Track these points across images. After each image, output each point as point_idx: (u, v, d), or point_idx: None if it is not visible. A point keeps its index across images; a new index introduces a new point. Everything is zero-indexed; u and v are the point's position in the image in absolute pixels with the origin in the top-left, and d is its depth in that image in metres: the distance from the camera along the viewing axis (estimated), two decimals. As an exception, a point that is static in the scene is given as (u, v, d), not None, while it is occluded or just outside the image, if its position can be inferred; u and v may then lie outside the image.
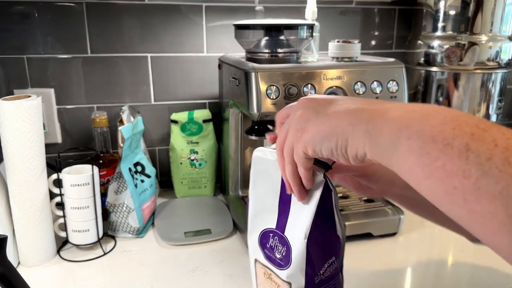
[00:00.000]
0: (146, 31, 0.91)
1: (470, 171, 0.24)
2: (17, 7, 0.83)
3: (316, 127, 0.35)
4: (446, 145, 0.26)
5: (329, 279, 0.43)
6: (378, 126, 0.31)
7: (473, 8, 0.88)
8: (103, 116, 0.84)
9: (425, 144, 0.27)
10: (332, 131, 0.34)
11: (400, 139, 0.29)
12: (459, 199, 0.25)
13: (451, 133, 0.26)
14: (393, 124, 0.30)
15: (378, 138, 0.31)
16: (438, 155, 0.26)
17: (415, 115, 0.29)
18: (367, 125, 0.32)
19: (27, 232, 0.67)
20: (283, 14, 0.97)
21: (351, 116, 0.33)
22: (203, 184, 0.96)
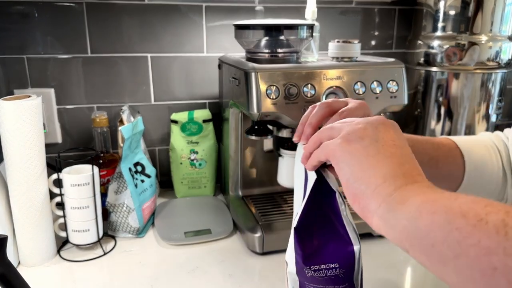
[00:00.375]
0: (146, 31, 0.91)
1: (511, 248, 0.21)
2: (17, 7, 0.83)
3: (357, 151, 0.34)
4: (480, 221, 0.23)
5: (325, 282, 0.43)
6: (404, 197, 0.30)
7: (473, 8, 0.88)
8: (103, 116, 0.84)
9: (454, 219, 0.24)
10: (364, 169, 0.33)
11: (422, 213, 0.26)
12: (502, 281, 0.21)
13: (483, 210, 0.23)
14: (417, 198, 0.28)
15: (398, 207, 0.29)
16: (471, 231, 0.23)
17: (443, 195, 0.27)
18: (395, 191, 0.31)
19: (27, 232, 0.67)
20: (283, 14, 0.97)
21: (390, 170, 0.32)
22: (203, 184, 0.96)
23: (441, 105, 0.95)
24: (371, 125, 0.35)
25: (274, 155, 0.82)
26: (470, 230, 0.23)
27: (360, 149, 0.33)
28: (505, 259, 0.21)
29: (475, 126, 0.94)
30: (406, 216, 0.28)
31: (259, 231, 0.72)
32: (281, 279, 0.66)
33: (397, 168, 0.32)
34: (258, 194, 0.88)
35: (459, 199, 0.25)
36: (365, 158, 0.33)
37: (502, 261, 0.21)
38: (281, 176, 0.80)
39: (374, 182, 0.31)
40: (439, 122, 0.96)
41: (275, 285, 0.65)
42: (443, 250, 0.24)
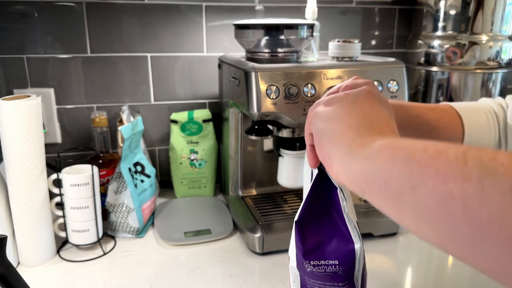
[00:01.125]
0: (146, 31, 0.91)
1: (470, 173, 0.21)
2: (16, 7, 0.83)
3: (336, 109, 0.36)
4: (439, 153, 0.23)
5: (324, 278, 0.43)
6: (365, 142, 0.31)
7: (474, 7, 0.88)
8: (103, 116, 0.83)
9: (414, 154, 0.24)
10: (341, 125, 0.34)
11: (383, 151, 0.27)
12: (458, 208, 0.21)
13: (444, 146, 0.23)
14: (380, 141, 0.29)
15: (358, 150, 0.30)
16: (430, 163, 0.23)
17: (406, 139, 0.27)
18: (358, 137, 0.32)
19: (27, 232, 0.67)
20: (283, 14, 0.97)
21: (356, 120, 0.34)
22: (203, 184, 0.96)
23: (441, 105, 0.95)
24: (353, 91, 0.37)
25: (274, 155, 0.82)
26: (430, 162, 0.23)
27: (335, 109, 0.36)
28: (462, 184, 0.21)
29: (475, 126, 0.94)
30: (365, 156, 0.28)
31: (259, 231, 0.72)
32: (281, 279, 0.66)
33: (366, 122, 0.33)
34: (258, 194, 0.88)
35: (422, 142, 0.25)
36: (338, 114, 0.35)
37: (459, 186, 0.21)
38: (281, 176, 0.80)
39: (339, 129, 0.33)
40: (439, 122, 0.96)
41: (275, 285, 0.65)
42: (401, 184, 0.24)
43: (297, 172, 0.76)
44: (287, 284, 0.64)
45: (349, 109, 0.35)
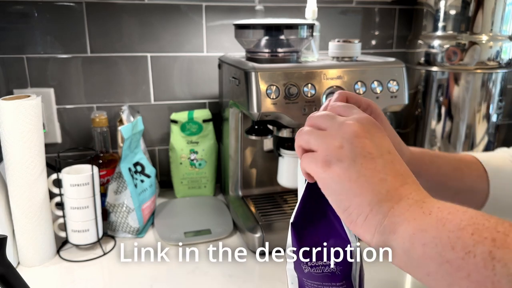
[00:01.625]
0: (145, 31, 0.91)
1: (500, 283, 0.23)
2: (16, 7, 0.83)
3: (339, 176, 0.33)
4: (468, 253, 0.24)
5: (322, 279, 0.43)
6: (393, 224, 0.30)
7: (474, 7, 0.88)
8: (103, 116, 0.83)
9: (444, 251, 0.25)
10: (350, 198, 0.32)
11: (415, 245, 0.28)
12: None
13: (470, 239, 0.25)
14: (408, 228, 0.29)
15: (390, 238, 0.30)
16: (461, 264, 0.24)
17: (431, 219, 0.28)
18: (383, 218, 0.31)
19: (27, 232, 0.67)
20: (283, 14, 0.97)
21: (374, 196, 0.31)
22: (203, 184, 0.96)
23: (441, 105, 0.95)
24: (346, 141, 0.34)
25: (274, 155, 0.82)
26: (460, 264, 0.24)
27: (341, 174, 0.33)
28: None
29: (475, 126, 0.94)
30: (400, 247, 0.29)
31: (259, 231, 0.72)
32: (281, 280, 0.66)
33: (380, 188, 0.32)
34: (258, 194, 0.88)
35: (446, 225, 0.26)
36: (348, 184, 0.33)
37: None
38: (281, 176, 0.80)
39: (362, 212, 0.32)
40: (439, 122, 0.96)
41: (275, 285, 0.65)
42: (438, 279, 0.26)
43: (297, 172, 0.76)
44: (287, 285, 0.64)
45: (356, 174, 0.33)
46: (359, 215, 0.32)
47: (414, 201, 0.31)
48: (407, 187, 0.32)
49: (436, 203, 0.30)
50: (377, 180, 0.32)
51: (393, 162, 0.34)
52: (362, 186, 0.32)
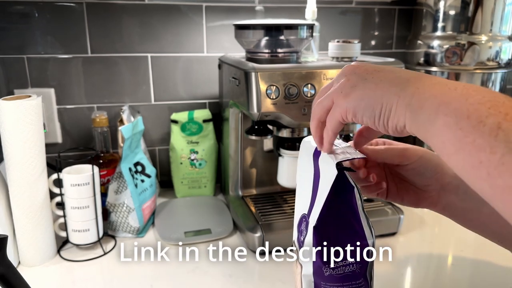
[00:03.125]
0: (146, 31, 0.91)
1: (497, 147, 0.25)
2: (17, 7, 0.83)
3: (362, 93, 0.36)
4: (479, 123, 0.27)
5: (343, 279, 0.44)
6: (420, 101, 0.32)
7: (473, 8, 0.88)
8: (103, 116, 0.84)
9: (460, 120, 0.28)
10: (378, 100, 0.35)
11: (438, 114, 0.30)
12: (484, 173, 0.26)
13: (486, 111, 0.27)
14: (434, 101, 0.31)
15: (419, 112, 0.32)
16: (470, 131, 0.27)
17: (456, 93, 0.30)
18: (411, 99, 0.33)
19: (28, 232, 0.67)
20: (283, 14, 0.97)
21: (398, 87, 0.34)
22: (203, 184, 0.96)
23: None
24: (350, 74, 0.38)
25: (274, 155, 0.82)
26: (470, 130, 0.27)
27: (361, 91, 0.36)
28: (489, 155, 0.26)
29: (475, 126, 0.94)
30: (426, 118, 0.31)
31: (259, 231, 0.72)
32: (281, 279, 0.66)
33: (400, 79, 0.35)
34: (258, 194, 0.88)
35: (468, 100, 0.29)
36: (372, 93, 0.36)
37: (487, 157, 0.26)
38: (281, 176, 0.80)
39: (393, 103, 0.34)
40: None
41: (275, 285, 0.65)
42: (449, 146, 0.29)
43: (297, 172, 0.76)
44: (287, 284, 0.65)
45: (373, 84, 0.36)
46: (391, 107, 0.34)
47: (438, 81, 0.33)
48: (423, 75, 0.35)
49: (461, 83, 0.32)
50: (394, 77, 0.35)
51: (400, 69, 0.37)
52: (383, 87, 0.35)
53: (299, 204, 0.47)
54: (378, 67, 0.37)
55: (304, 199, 0.46)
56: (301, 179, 0.48)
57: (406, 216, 0.78)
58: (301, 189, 0.48)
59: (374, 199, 0.83)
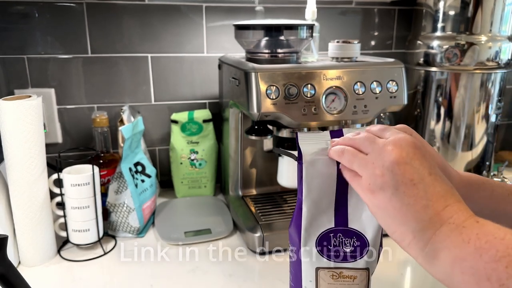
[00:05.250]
0: (146, 31, 0.91)
1: None
2: (17, 7, 0.83)
3: (385, 204, 0.35)
4: (501, 286, 0.27)
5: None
6: (435, 250, 0.32)
7: (473, 8, 0.88)
8: (104, 116, 0.84)
9: (480, 282, 0.28)
10: (395, 224, 0.35)
11: (454, 271, 0.30)
12: None
13: (504, 272, 0.27)
14: (448, 254, 0.31)
15: (433, 262, 0.32)
16: None
17: (469, 248, 0.30)
18: (425, 245, 0.33)
19: (28, 232, 0.67)
20: (283, 15, 0.97)
21: (418, 224, 0.34)
22: (203, 184, 0.96)
23: (440, 105, 0.95)
24: (387, 169, 0.35)
25: (274, 155, 0.82)
26: None
27: (385, 202, 0.36)
28: None
29: (474, 126, 0.94)
30: (442, 271, 0.32)
31: (259, 231, 0.72)
32: (281, 279, 0.66)
33: (424, 215, 0.34)
34: (258, 194, 0.89)
35: (483, 256, 0.29)
36: (392, 212, 0.35)
37: None
38: (281, 176, 0.80)
39: (407, 238, 0.35)
40: (438, 122, 0.96)
41: (275, 284, 0.65)
42: None
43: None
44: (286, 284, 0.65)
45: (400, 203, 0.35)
46: (404, 240, 0.35)
47: (455, 226, 0.32)
48: (449, 209, 0.34)
49: (475, 229, 0.31)
50: (420, 208, 0.34)
51: (434, 184, 0.35)
52: (405, 215, 0.34)
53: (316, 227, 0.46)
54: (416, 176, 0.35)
55: (323, 217, 0.45)
56: (313, 199, 0.46)
57: (406, 216, 0.78)
58: (316, 210, 0.45)
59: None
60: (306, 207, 0.45)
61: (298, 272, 0.47)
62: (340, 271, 0.46)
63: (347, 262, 0.45)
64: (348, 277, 0.46)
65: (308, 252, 0.46)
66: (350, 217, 0.44)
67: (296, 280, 0.48)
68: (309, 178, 0.44)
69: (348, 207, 0.44)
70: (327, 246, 0.45)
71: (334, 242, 0.45)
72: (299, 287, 0.48)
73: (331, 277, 0.46)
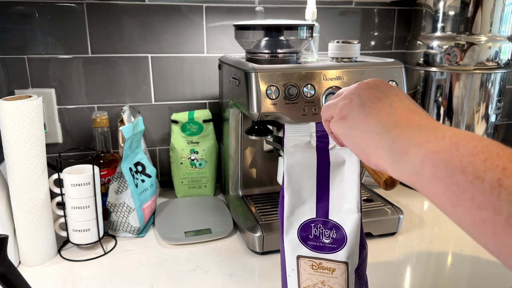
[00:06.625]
0: (146, 31, 0.91)
1: (501, 208, 0.24)
2: (17, 7, 0.83)
3: (353, 122, 0.37)
4: (477, 178, 0.25)
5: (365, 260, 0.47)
6: (404, 147, 0.31)
7: (472, 8, 0.88)
8: (104, 116, 0.84)
9: (454, 173, 0.26)
10: (362, 135, 0.35)
11: (425, 164, 0.28)
12: (488, 231, 0.24)
13: (481, 165, 0.25)
14: (420, 149, 0.29)
15: (402, 159, 0.31)
16: (468, 187, 0.25)
17: (444, 142, 0.28)
18: (393, 143, 0.32)
19: (28, 232, 0.67)
20: (283, 15, 0.97)
21: (383, 127, 0.34)
22: (203, 184, 0.96)
23: (440, 105, 0.96)
24: (355, 94, 0.38)
25: (274, 155, 0.82)
26: (467, 186, 0.25)
27: (353, 120, 0.37)
28: (493, 215, 0.24)
29: (474, 126, 0.95)
30: (411, 167, 0.30)
31: (259, 230, 0.72)
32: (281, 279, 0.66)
33: (388, 120, 0.34)
34: (258, 194, 0.89)
35: (460, 150, 0.27)
36: (361, 126, 0.36)
37: (491, 216, 0.24)
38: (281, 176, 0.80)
39: (373, 142, 0.34)
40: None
41: (275, 284, 0.65)
42: (444, 199, 0.27)
43: None
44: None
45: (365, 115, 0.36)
46: (371, 145, 0.34)
47: (426, 126, 0.31)
48: (417, 117, 0.33)
49: (450, 129, 0.30)
50: (384, 115, 0.35)
51: (401, 100, 0.36)
52: (370, 123, 0.35)
53: (297, 215, 0.48)
54: (382, 95, 0.36)
55: (304, 207, 0.48)
56: (294, 188, 0.48)
57: (406, 216, 0.78)
58: (297, 199, 0.48)
59: (374, 199, 0.83)
60: (288, 196, 0.47)
61: (282, 260, 0.50)
62: (320, 262, 0.47)
63: (326, 253, 0.46)
64: (327, 268, 0.47)
65: (290, 240, 0.48)
66: (330, 209, 0.46)
67: (283, 269, 0.51)
68: (289, 167, 0.47)
69: (330, 199, 0.46)
70: (308, 235, 0.47)
71: (314, 232, 0.46)
72: (284, 275, 0.50)
73: (311, 267, 0.47)
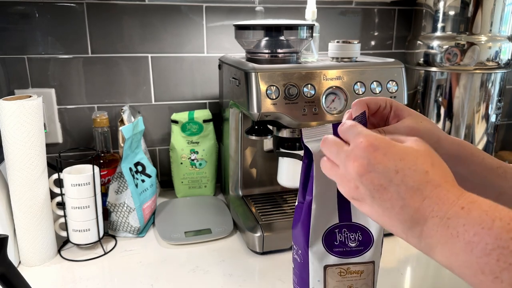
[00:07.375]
0: (146, 31, 0.91)
1: None
2: (17, 7, 0.83)
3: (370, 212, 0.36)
4: (496, 279, 0.28)
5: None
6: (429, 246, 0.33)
7: (473, 8, 0.88)
8: (104, 116, 0.84)
9: (476, 275, 0.29)
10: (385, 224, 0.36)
11: (452, 264, 0.31)
12: None
13: (496, 265, 0.28)
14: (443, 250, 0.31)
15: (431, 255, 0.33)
16: (491, 285, 0.28)
17: (459, 243, 0.30)
18: (419, 241, 0.33)
19: (28, 232, 0.67)
20: (283, 15, 0.97)
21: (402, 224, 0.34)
22: (203, 184, 0.96)
23: (440, 105, 0.95)
24: (357, 181, 0.36)
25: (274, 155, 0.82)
26: (490, 285, 0.28)
27: (370, 210, 0.36)
28: None
29: (474, 126, 0.95)
30: (442, 263, 0.32)
31: (259, 231, 0.72)
32: (281, 279, 0.66)
33: (404, 215, 0.34)
34: (258, 194, 0.89)
35: (474, 251, 0.29)
36: (380, 219, 0.36)
37: None
38: (281, 176, 0.80)
39: (403, 237, 0.35)
40: (438, 122, 0.96)
41: (275, 284, 0.65)
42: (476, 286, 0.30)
43: (297, 172, 0.77)
44: (286, 283, 0.65)
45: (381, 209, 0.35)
46: (401, 237, 0.35)
47: (439, 219, 0.32)
48: (427, 202, 0.33)
49: (461, 219, 0.30)
50: (398, 210, 0.34)
51: (404, 181, 0.34)
52: (390, 218, 0.35)
53: (322, 224, 0.46)
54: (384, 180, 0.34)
55: (328, 214, 0.46)
56: (320, 196, 0.45)
57: (406, 216, 0.78)
58: (323, 207, 0.46)
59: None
60: (316, 206, 0.44)
61: (304, 273, 0.47)
62: (348, 267, 0.46)
63: (353, 257, 0.46)
64: (355, 272, 0.46)
65: (315, 251, 0.46)
66: (353, 212, 0.45)
67: (302, 282, 0.48)
68: (321, 176, 0.43)
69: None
70: (333, 242, 0.45)
71: (339, 238, 0.45)
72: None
73: (339, 274, 0.46)
